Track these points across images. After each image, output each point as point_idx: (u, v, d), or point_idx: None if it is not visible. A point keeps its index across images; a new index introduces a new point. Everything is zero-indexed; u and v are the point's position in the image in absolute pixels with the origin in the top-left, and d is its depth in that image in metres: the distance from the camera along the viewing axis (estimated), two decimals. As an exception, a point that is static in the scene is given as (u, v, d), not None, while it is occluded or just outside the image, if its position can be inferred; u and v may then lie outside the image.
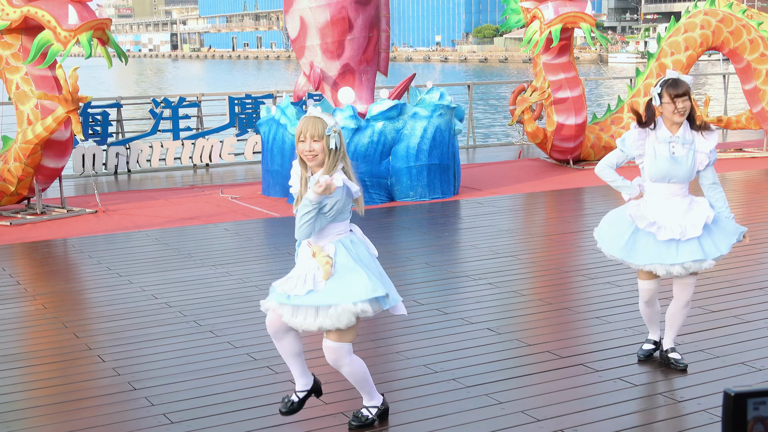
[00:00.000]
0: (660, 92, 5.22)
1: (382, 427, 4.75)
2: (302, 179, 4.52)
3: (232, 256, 8.68)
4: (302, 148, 4.44)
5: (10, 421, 4.96)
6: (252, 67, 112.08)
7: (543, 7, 13.28)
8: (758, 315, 6.58)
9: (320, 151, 4.41)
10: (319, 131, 4.40)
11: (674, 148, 5.23)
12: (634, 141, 5.29)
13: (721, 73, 19.44)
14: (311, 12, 11.54)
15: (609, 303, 6.87)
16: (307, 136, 4.41)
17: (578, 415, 4.91)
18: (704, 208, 5.30)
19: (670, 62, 14.16)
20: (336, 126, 4.46)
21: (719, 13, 14.34)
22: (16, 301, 7.42)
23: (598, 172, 5.47)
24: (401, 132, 11.33)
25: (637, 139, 5.28)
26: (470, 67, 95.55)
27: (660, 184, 5.28)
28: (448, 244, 9.45)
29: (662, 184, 5.27)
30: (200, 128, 15.12)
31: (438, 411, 4.95)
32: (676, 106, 5.17)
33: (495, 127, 27.42)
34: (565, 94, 13.59)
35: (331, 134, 4.42)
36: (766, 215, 10.55)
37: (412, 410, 4.97)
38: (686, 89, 5.18)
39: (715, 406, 4.93)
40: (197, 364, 5.76)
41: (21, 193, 10.96)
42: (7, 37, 10.56)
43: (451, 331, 6.34)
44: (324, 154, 4.43)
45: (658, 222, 5.26)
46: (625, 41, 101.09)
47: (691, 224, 5.24)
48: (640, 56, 76.90)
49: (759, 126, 14.91)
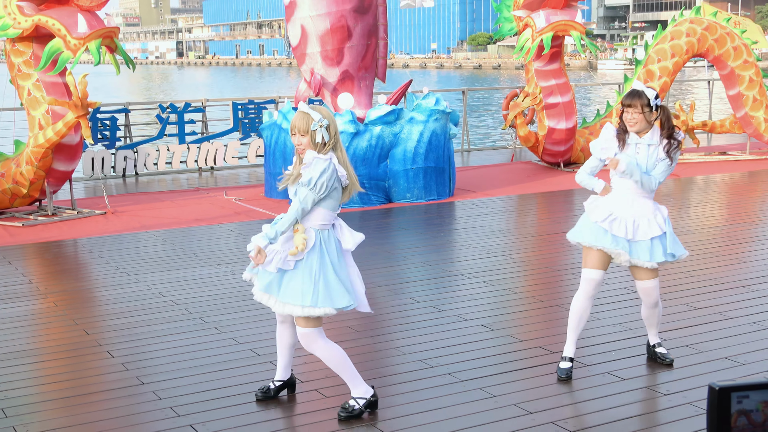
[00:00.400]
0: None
1: (378, 420, 4.76)
2: (295, 165, 4.73)
3: (236, 256, 8.68)
4: (294, 141, 4.67)
5: (23, 414, 4.96)
6: (255, 73, 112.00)
7: (535, 15, 13.30)
8: (741, 312, 6.58)
9: (307, 144, 4.62)
10: (305, 126, 4.58)
11: (638, 148, 5.26)
12: (601, 144, 5.30)
13: (706, 79, 19.45)
14: (312, 21, 11.54)
15: (598, 300, 6.86)
16: (296, 130, 4.62)
17: (568, 407, 4.92)
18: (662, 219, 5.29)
19: (656, 69, 14.18)
20: (322, 121, 4.58)
21: (704, 21, 14.36)
22: (29, 299, 7.41)
23: (578, 180, 5.41)
24: (398, 136, 11.33)
25: (604, 142, 5.29)
26: (465, 73, 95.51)
27: (624, 179, 5.28)
28: (443, 243, 9.46)
29: (626, 179, 5.27)
30: (205, 133, 15.10)
31: (434, 404, 4.95)
32: (624, 115, 5.24)
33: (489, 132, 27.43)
34: (556, 99, 13.59)
35: (317, 129, 4.57)
36: (748, 216, 10.56)
37: (410, 403, 4.98)
38: (636, 102, 5.15)
39: (699, 399, 4.94)
40: (202, 360, 5.76)
41: (33, 195, 10.96)
42: (19, 45, 10.56)
43: (446, 327, 6.34)
44: (311, 147, 4.62)
45: (613, 213, 5.24)
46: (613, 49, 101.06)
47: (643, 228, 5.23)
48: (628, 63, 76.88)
49: (742, 130, 14.92)
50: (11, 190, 10.79)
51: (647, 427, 4.65)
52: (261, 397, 5.02)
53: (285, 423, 4.78)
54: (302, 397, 5.11)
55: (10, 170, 10.76)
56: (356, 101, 11.62)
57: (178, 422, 4.79)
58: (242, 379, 5.39)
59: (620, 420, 4.73)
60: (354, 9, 11.50)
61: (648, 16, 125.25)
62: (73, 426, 4.78)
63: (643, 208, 5.27)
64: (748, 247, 8.82)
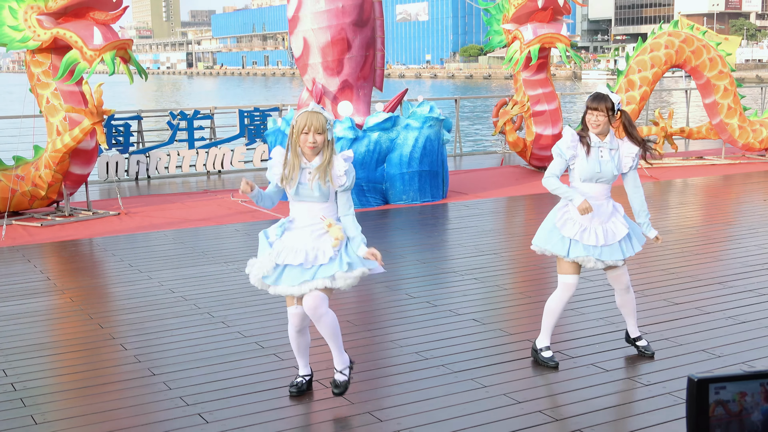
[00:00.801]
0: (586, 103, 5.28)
1: (376, 408, 4.74)
2: (292, 165, 4.57)
3: (242, 254, 8.66)
4: (305, 140, 4.51)
5: (41, 404, 4.94)
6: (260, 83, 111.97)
7: (523, 28, 13.32)
8: (718, 307, 6.57)
9: (321, 142, 4.52)
10: (323, 124, 4.50)
11: (602, 152, 5.24)
12: (567, 144, 5.26)
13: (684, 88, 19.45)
14: (314, 33, 11.53)
15: (583, 296, 6.86)
16: (312, 129, 4.49)
17: (555, 397, 4.91)
18: (622, 217, 5.31)
19: (637, 78, 14.17)
20: (332, 119, 4.60)
21: (682, 34, 14.36)
22: (47, 294, 7.39)
23: (544, 183, 5.32)
24: (395, 141, 11.31)
25: (570, 141, 5.26)
26: (457, 83, 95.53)
27: (588, 183, 5.27)
28: (437, 243, 9.44)
29: (590, 183, 5.26)
30: (213, 138, 15.08)
31: (428, 394, 4.93)
32: (588, 117, 5.23)
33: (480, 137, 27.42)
34: (542, 107, 13.59)
35: (329, 128, 4.56)
36: (723, 217, 10.55)
37: (405, 393, 4.96)
38: (602, 106, 5.16)
39: (678, 389, 4.92)
40: (210, 352, 5.74)
41: (51, 197, 10.94)
42: (38, 56, 10.54)
43: (440, 321, 6.32)
44: (323, 145, 4.55)
45: (582, 224, 5.23)
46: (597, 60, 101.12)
47: (612, 232, 5.25)
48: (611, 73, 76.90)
49: (718, 136, 14.92)
50: (30, 192, 10.77)
51: (629, 415, 4.64)
52: (296, 393, 4.92)
53: (288, 412, 4.76)
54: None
55: (29, 173, 10.74)
56: (355, 109, 11.60)
57: (187, 411, 4.77)
58: (248, 371, 5.37)
59: (603, 409, 4.72)
60: (353, 22, 11.49)
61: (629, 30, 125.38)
62: (87, 414, 4.76)
63: (606, 211, 5.27)
64: (724, 246, 8.81)
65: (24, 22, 10.25)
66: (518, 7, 13.29)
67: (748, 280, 7.34)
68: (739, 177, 13.59)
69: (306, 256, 4.55)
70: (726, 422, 1.99)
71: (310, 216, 4.62)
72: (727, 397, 1.99)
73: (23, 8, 10.24)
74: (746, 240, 8.93)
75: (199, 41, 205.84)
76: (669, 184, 13.02)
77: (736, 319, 6.25)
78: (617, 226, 5.28)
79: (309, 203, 4.62)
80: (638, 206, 5.38)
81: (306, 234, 4.60)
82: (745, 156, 15.37)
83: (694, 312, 6.46)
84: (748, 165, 14.71)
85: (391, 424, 4.54)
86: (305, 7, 11.52)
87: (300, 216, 4.65)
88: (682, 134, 14.89)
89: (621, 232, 5.27)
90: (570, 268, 5.30)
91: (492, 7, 14.00)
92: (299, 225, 4.64)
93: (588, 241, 5.21)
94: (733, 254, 8.45)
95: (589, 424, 4.51)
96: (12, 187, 10.63)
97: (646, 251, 8.41)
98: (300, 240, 4.59)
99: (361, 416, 4.66)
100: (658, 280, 7.38)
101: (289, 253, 4.58)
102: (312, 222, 4.61)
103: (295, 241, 4.60)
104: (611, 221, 5.28)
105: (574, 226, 5.25)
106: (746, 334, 5.93)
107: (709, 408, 1.98)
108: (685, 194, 12.37)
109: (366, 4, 11.60)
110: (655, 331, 5.96)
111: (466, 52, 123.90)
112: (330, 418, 4.68)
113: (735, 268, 7.81)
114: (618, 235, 5.26)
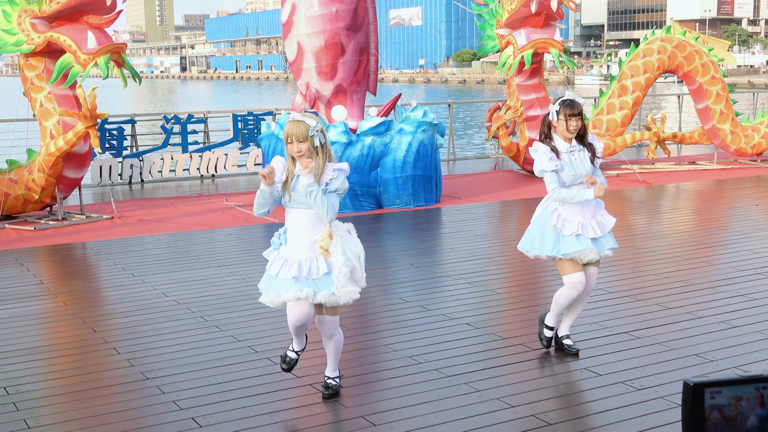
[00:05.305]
0: (558, 110, 5.26)
1: (369, 413, 4.73)
2: (290, 173, 4.67)
3: (236, 258, 8.64)
4: (291, 149, 4.60)
5: (34, 408, 4.91)
6: (254, 87, 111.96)
7: (516, 34, 13.34)
8: (710, 311, 6.58)
9: (306, 149, 4.58)
10: (303, 133, 4.55)
11: (573, 155, 5.32)
12: (547, 159, 5.28)
13: (676, 93, 19.48)
14: (307, 38, 11.52)
15: (576, 300, 6.85)
16: (293, 138, 4.57)
17: (548, 401, 4.90)
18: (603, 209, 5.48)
19: (630, 84, 14.20)
20: (318, 126, 4.60)
21: (674, 39, 14.40)
22: (40, 298, 7.36)
23: (556, 198, 5.32)
24: (388, 146, 11.31)
25: (548, 157, 5.27)
26: (450, 87, 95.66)
27: (573, 186, 5.34)
28: (430, 247, 9.43)
29: (575, 185, 5.34)
30: (207, 142, 15.05)
31: (422, 398, 4.93)
32: (569, 124, 5.26)
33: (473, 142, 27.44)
34: (536, 112, 13.60)
35: (314, 134, 4.57)
36: (716, 222, 10.57)
37: (399, 397, 4.95)
38: (580, 110, 5.28)
39: (671, 393, 4.92)
40: (204, 356, 5.72)
41: (44, 201, 10.90)
42: (32, 60, 10.52)
43: (433, 326, 6.32)
44: (310, 151, 4.59)
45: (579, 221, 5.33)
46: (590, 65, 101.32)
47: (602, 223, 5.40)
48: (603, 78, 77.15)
49: (710, 141, 14.95)
50: (24, 196, 10.74)
51: (622, 419, 4.64)
52: (286, 369, 5.04)
53: (281, 416, 4.75)
54: (297, 391, 5.08)
55: (22, 177, 10.71)
56: (349, 113, 11.60)
57: (181, 415, 4.75)
58: (241, 375, 5.36)
59: (597, 413, 4.72)
60: (347, 27, 11.49)
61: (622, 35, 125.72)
62: (80, 419, 4.74)
63: (592, 205, 5.39)
64: (716, 251, 8.83)
65: (18, 26, 10.24)
66: (511, 12, 13.31)
67: (741, 284, 7.35)
68: (731, 182, 13.61)
69: (299, 269, 4.62)
70: (721, 427, 1.99)
71: (302, 223, 4.67)
72: (723, 401, 1.98)
73: (17, 12, 10.22)
74: (738, 245, 8.94)
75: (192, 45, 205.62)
76: (661, 189, 13.04)
77: (728, 324, 6.25)
78: (605, 218, 5.45)
79: (301, 210, 4.66)
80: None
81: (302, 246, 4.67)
82: (737, 161, 15.40)
83: (686, 317, 6.46)
84: (740, 170, 14.74)
85: (384, 429, 4.53)
86: (299, 12, 11.52)
87: (293, 224, 4.71)
88: (675, 139, 14.92)
89: (610, 222, 5.45)
90: (571, 266, 5.38)
91: (485, 12, 14.01)
92: (293, 235, 4.70)
93: (589, 234, 5.33)
94: (725, 259, 8.46)
95: (583, 429, 4.51)
96: (5, 191, 10.60)
97: (639, 256, 8.43)
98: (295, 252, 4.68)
99: (355, 420, 4.65)
100: (651, 284, 7.38)
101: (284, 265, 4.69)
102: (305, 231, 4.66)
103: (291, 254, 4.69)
104: (599, 214, 5.44)
105: (572, 225, 5.34)
106: (739, 338, 5.93)
107: (705, 412, 1.97)
108: (678, 199, 12.39)
109: (360, 9, 11.60)
110: (648, 336, 5.97)
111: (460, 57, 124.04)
112: (323, 422, 4.66)
113: (727, 272, 7.82)
114: (608, 225, 5.43)
